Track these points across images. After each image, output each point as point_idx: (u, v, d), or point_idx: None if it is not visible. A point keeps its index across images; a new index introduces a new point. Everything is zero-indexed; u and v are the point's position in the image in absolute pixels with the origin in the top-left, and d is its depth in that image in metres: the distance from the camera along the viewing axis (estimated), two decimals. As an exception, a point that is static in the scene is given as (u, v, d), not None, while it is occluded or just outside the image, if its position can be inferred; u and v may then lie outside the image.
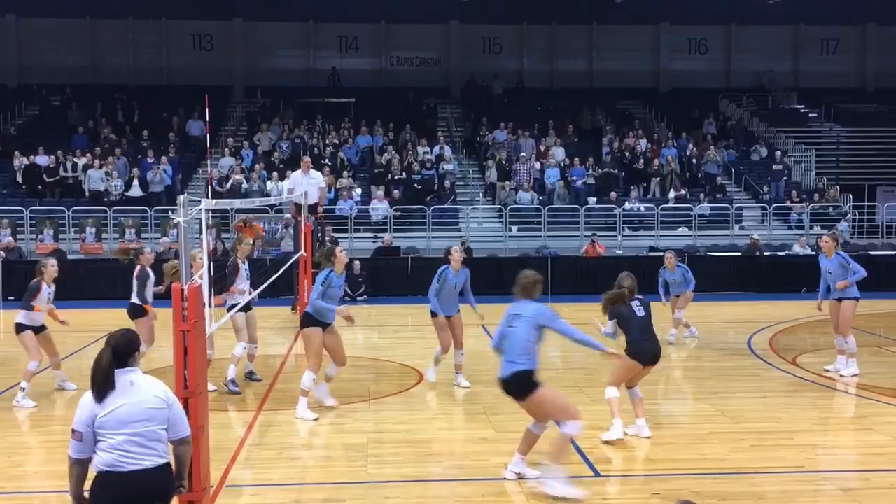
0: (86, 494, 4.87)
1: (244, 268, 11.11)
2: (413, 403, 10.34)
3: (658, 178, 26.22)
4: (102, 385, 4.76)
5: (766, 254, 22.63)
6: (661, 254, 22.22)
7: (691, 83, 33.76)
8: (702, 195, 25.66)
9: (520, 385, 7.31)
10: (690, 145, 28.23)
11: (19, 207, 23.43)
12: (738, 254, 22.60)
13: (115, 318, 16.32)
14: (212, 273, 7.58)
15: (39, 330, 10.64)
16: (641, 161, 27.06)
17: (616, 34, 34.25)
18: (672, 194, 25.32)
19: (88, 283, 20.04)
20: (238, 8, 32.66)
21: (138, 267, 11.16)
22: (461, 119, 31.99)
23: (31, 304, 10.45)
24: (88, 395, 4.83)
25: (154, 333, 11.25)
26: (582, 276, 20.35)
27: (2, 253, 20.65)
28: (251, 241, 12.12)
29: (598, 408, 9.29)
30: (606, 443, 8.54)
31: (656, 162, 26.75)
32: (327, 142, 27.72)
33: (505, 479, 7.57)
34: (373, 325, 16.36)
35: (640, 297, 8.86)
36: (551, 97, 32.71)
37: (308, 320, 9.69)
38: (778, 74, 34.53)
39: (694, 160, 27.51)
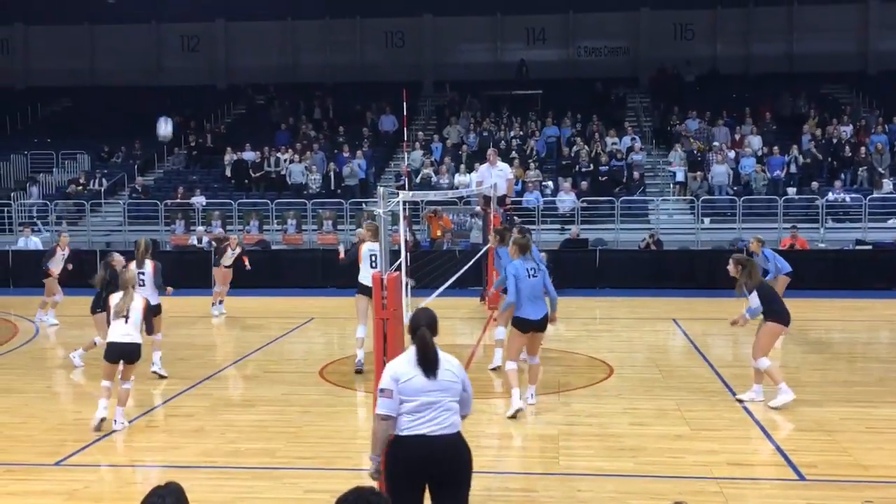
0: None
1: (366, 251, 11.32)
2: (603, 397, 10.22)
3: (866, 168, 24.52)
4: (434, 362, 5.12)
5: None
6: (870, 247, 21.01)
7: (905, 64, 31.29)
8: (916, 184, 23.80)
9: (545, 324, 9.41)
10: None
11: (228, 200, 25.05)
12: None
13: (315, 305, 17.23)
14: (408, 264, 7.82)
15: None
16: (847, 149, 25.39)
17: (819, 14, 32.24)
18: (884, 184, 23.55)
19: (291, 271, 21.15)
20: (427, 4, 33.35)
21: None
22: (650, 109, 31.22)
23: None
24: (398, 360, 5.23)
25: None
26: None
27: (213, 243, 22.15)
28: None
29: (799, 407, 8.84)
30: (775, 408, 9.34)
31: (863, 150, 25.02)
32: (514, 134, 27.83)
33: (701, 477, 7.34)
34: (561, 318, 16.22)
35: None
36: (747, 83, 31.28)
37: None
38: None
39: (903, 147, 25.50)
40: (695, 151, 25.76)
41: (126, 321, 9.06)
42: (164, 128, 17.64)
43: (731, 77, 31.94)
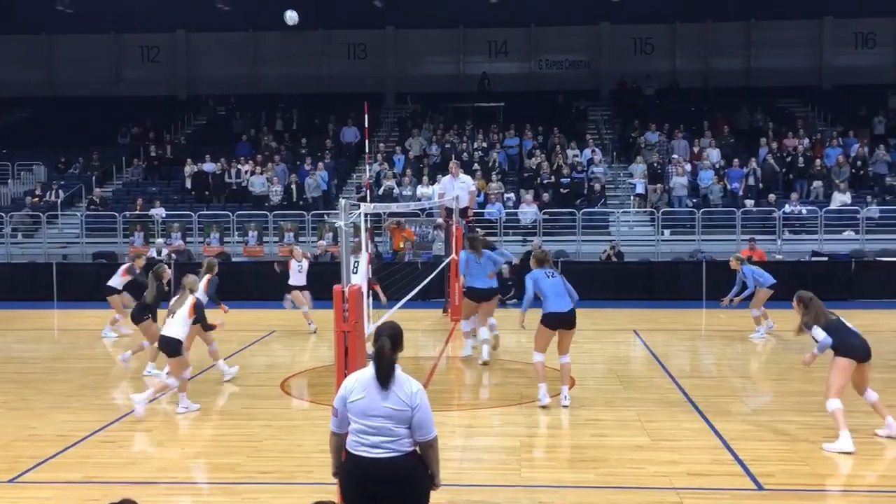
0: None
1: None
2: (565, 408, 10.24)
3: (821, 180, 24.97)
4: (388, 373, 5.04)
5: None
6: (825, 259, 21.38)
7: (858, 79, 31.95)
8: (870, 197, 24.26)
9: (574, 318, 10.09)
10: (857, 145, 26.69)
11: (188, 212, 24.82)
12: (911, 259, 21.20)
13: (276, 318, 17.10)
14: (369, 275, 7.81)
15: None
16: (802, 161, 25.85)
17: (775, 30, 32.86)
18: (839, 196, 23.98)
19: (252, 283, 20.97)
20: (390, 16, 33.42)
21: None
22: (611, 121, 31.53)
23: None
24: (353, 376, 5.17)
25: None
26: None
27: (173, 255, 21.92)
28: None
29: (758, 417, 8.95)
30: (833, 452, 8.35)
31: (818, 162, 25.49)
32: (476, 146, 27.94)
33: (662, 488, 7.39)
34: (522, 329, 16.33)
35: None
36: (705, 97, 31.76)
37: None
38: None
39: (861, 160, 26.03)
40: (655, 164, 26.06)
41: (173, 317, 10.13)
42: (291, 17, 17.62)
43: (690, 91, 32.41)
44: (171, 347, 10.06)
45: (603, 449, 8.57)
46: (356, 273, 11.53)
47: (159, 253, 22.20)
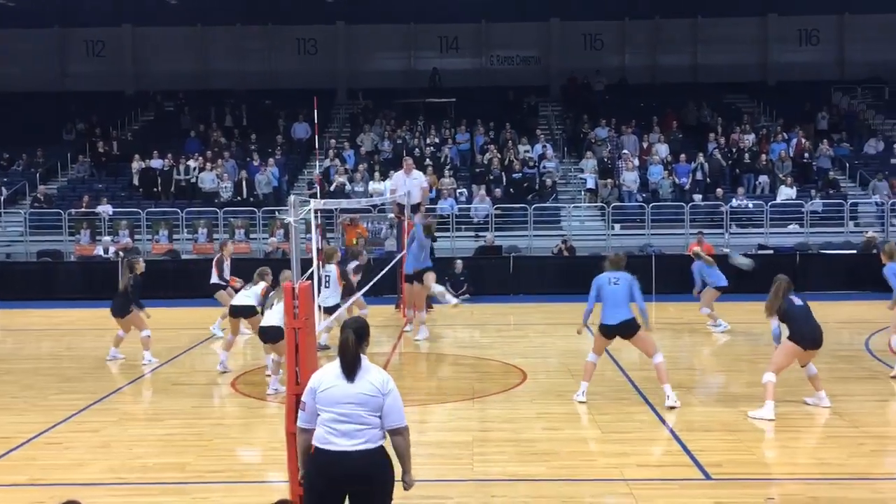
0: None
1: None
2: (517, 402, 10.31)
3: (767, 175, 25.43)
4: (353, 364, 5.06)
5: (884, 251, 21.65)
6: (771, 252, 21.76)
7: (802, 75, 32.60)
8: (814, 191, 24.77)
9: (631, 327, 9.79)
10: (803, 140, 27.20)
11: (136, 209, 24.43)
12: (854, 252, 21.70)
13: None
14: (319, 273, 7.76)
15: None
16: (748, 156, 26.30)
17: (721, 27, 33.35)
18: (784, 190, 24.43)
19: (202, 281, 20.66)
20: (340, 12, 33.22)
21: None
22: (561, 117, 31.75)
23: None
24: (323, 369, 5.18)
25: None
26: (687, 275, 19.87)
27: (120, 253, 21.57)
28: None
29: (705, 409, 9.15)
30: (753, 418, 9.25)
31: (764, 157, 25.95)
32: (428, 142, 27.93)
33: (612, 479, 7.48)
34: (475, 324, 16.41)
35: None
36: (654, 93, 32.12)
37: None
38: (894, 64, 32.94)
39: (805, 155, 26.57)
40: (605, 159, 26.31)
41: (271, 308, 10.59)
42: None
43: (639, 87, 32.74)
44: (269, 335, 10.63)
45: (554, 442, 8.64)
46: (328, 287, 11.99)
47: (106, 251, 21.83)
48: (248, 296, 12.02)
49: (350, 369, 5.05)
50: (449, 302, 14.66)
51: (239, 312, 12.12)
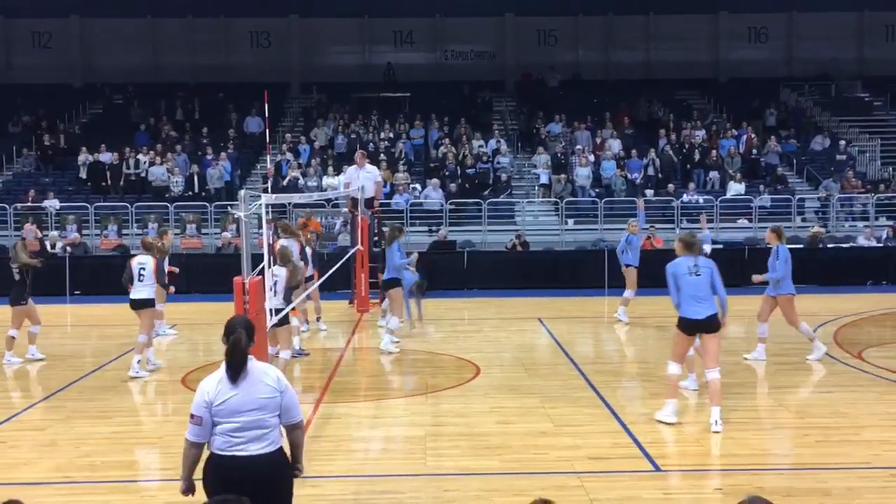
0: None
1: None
2: (470, 397, 10.33)
3: (717, 171, 25.81)
4: (240, 365, 4.93)
5: (829, 246, 22.11)
6: (721, 247, 22.09)
7: (751, 72, 33.10)
8: (762, 186, 25.18)
9: (715, 324, 8.73)
10: (752, 136, 27.64)
11: (84, 204, 23.99)
12: (801, 246, 22.10)
13: (178, 311, 16.70)
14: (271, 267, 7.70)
15: None
16: (699, 152, 26.66)
17: (673, 24, 33.77)
18: (734, 186, 24.82)
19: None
20: (294, 4, 32.94)
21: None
22: (516, 112, 31.86)
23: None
24: (210, 381, 4.99)
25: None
26: (641, 271, 20.10)
27: (68, 248, 21.17)
28: None
29: (655, 401, 9.28)
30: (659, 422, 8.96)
31: (714, 153, 26.33)
32: (382, 136, 27.85)
33: (564, 472, 7.54)
34: (429, 319, 16.39)
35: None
36: (607, 89, 32.39)
37: (393, 282, 12.96)
38: (842, 62, 33.66)
39: (754, 151, 27.00)
40: (558, 155, 26.46)
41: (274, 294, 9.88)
42: None
43: (593, 83, 32.99)
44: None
45: (507, 436, 8.68)
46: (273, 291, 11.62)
47: (53, 246, 21.40)
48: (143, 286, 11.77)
49: (238, 371, 4.92)
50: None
51: (139, 306, 11.78)
